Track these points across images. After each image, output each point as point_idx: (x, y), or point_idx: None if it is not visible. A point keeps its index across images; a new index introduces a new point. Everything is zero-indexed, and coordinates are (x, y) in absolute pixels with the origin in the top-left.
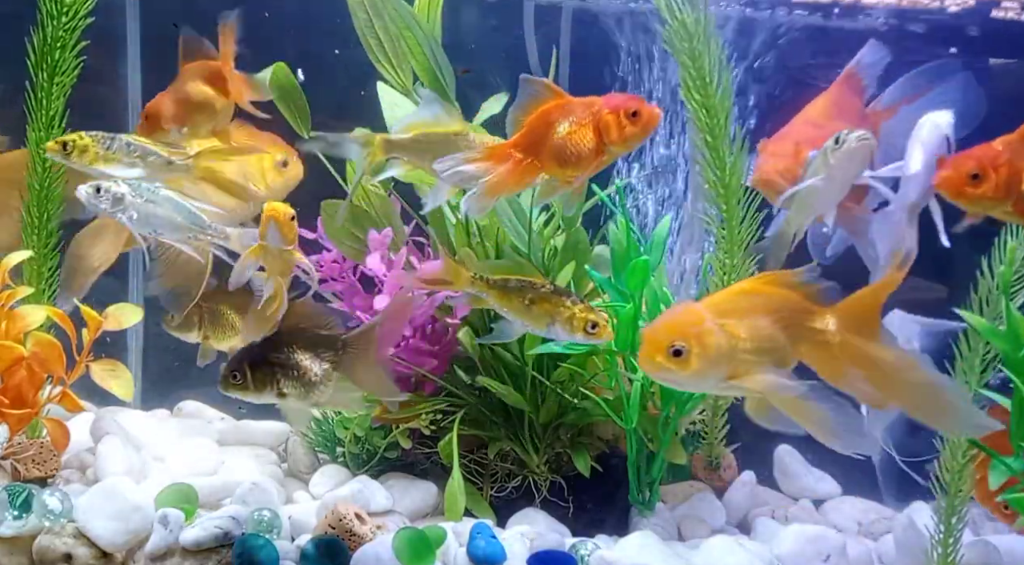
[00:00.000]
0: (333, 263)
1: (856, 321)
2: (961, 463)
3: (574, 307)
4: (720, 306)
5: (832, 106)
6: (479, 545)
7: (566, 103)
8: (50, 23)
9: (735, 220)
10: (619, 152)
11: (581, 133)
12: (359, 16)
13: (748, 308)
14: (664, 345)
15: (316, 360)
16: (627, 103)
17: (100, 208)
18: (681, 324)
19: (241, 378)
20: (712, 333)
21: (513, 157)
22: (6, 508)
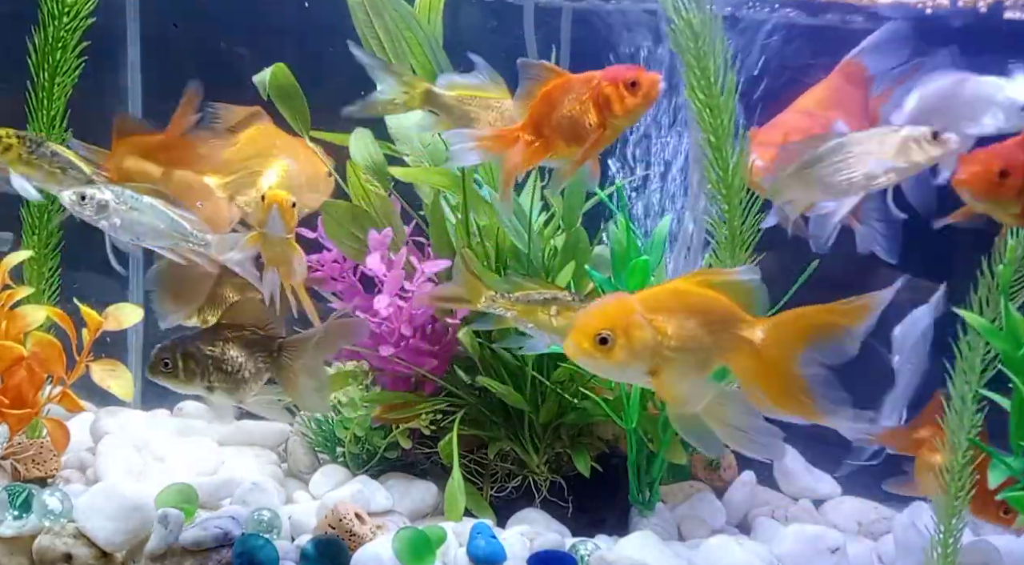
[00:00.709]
0: (333, 263)
1: (781, 338)
2: (961, 463)
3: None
4: (652, 301)
5: (829, 96)
6: (479, 545)
7: (566, 81)
8: (51, 23)
9: (737, 220)
10: (623, 125)
11: (583, 109)
12: (359, 16)
13: (679, 307)
14: (592, 332)
15: (250, 359)
16: (625, 74)
17: (84, 215)
18: (611, 314)
19: (171, 367)
20: (639, 326)
21: (522, 140)
22: (6, 508)
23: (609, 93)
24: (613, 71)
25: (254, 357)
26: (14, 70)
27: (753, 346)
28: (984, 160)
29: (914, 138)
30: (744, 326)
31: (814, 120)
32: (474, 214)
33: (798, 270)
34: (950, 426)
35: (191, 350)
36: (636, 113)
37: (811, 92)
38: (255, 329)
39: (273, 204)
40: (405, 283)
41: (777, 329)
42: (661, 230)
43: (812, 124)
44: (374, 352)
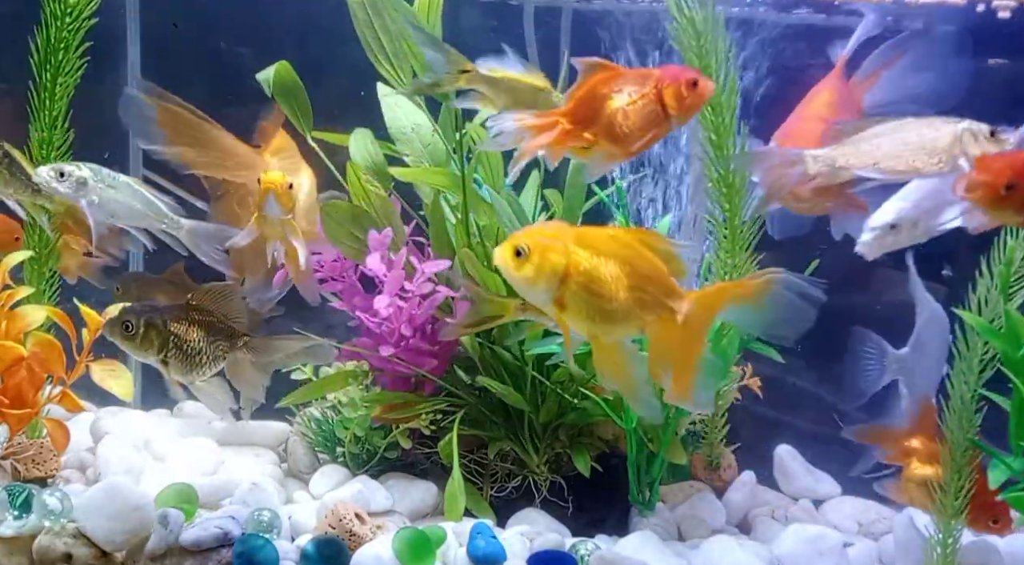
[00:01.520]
0: (333, 263)
1: (700, 313)
2: (960, 463)
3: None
4: (588, 238)
5: (835, 99)
6: (479, 545)
7: (619, 75)
8: (54, 23)
9: (737, 219)
10: (679, 123)
11: (643, 105)
12: (359, 16)
13: (609, 252)
14: (515, 243)
15: (211, 345)
16: (686, 74)
17: (61, 192)
18: (538, 233)
19: (132, 331)
20: (556, 252)
21: (561, 126)
22: (6, 508)
23: (671, 91)
24: (674, 70)
25: (214, 344)
26: (16, 70)
27: (675, 316)
28: (993, 171)
29: (972, 132)
30: (672, 295)
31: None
32: (474, 214)
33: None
34: (949, 426)
35: (156, 321)
36: (691, 113)
37: (817, 96)
38: (224, 318)
39: (269, 187)
40: (405, 283)
41: (699, 304)
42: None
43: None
44: (374, 352)
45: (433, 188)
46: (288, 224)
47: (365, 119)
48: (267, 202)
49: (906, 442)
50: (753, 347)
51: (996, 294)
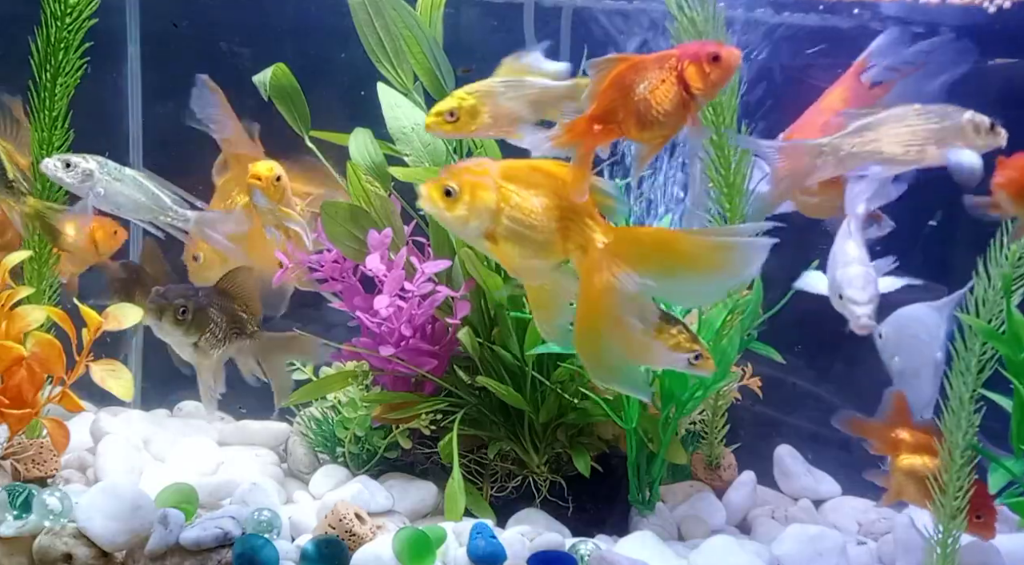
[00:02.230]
0: (333, 263)
1: (626, 250)
2: (959, 463)
3: (679, 336)
4: (511, 171)
5: (850, 97)
6: (479, 545)
7: (637, 63)
8: (54, 24)
9: (738, 219)
10: (706, 101)
11: (664, 89)
12: (359, 16)
13: (535, 183)
14: (442, 184)
15: (231, 331)
16: (706, 48)
17: (67, 182)
18: (464, 170)
19: (186, 315)
20: (485, 188)
21: (592, 130)
22: (6, 508)
23: (692, 70)
24: (693, 47)
25: (233, 330)
26: (16, 70)
27: (595, 248)
28: (1021, 166)
29: (975, 123)
30: (594, 227)
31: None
32: None
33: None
34: (948, 427)
35: (204, 305)
36: (718, 88)
37: (833, 92)
38: (243, 303)
39: (253, 182)
40: (405, 283)
41: (623, 241)
42: None
43: (840, 125)
44: (374, 352)
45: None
46: (280, 212)
47: (365, 119)
48: (254, 194)
49: (891, 434)
50: (753, 347)
51: (995, 295)
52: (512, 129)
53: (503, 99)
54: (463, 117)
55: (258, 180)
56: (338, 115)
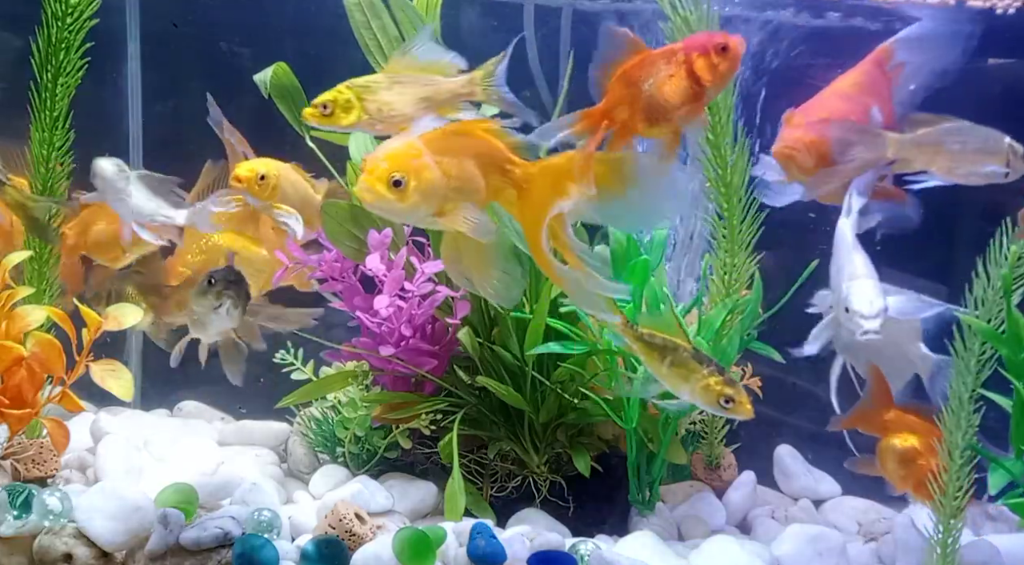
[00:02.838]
0: (333, 263)
1: (545, 181)
2: (959, 463)
3: (709, 377)
4: (436, 144)
5: (864, 81)
6: (479, 545)
7: (644, 59)
8: (55, 24)
9: (736, 219)
10: (715, 93)
11: (673, 83)
12: (356, 17)
13: (459, 149)
14: (386, 176)
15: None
16: (713, 39)
17: (118, 186)
18: (403, 157)
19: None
20: (428, 168)
21: (603, 125)
22: (6, 508)
23: (701, 62)
24: (700, 39)
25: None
26: (16, 71)
27: (518, 185)
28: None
29: (1014, 148)
30: (512, 166)
31: (853, 104)
32: None
33: (799, 269)
34: (947, 427)
35: (234, 281)
36: (727, 78)
37: (846, 75)
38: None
39: (237, 183)
40: (405, 283)
41: (542, 172)
42: (661, 230)
43: (851, 108)
44: (374, 352)
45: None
46: (270, 209)
47: None
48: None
49: (879, 416)
50: (753, 347)
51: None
52: (399, 125)
53: (386, 94)
54: (336, 110)
55: (239, 181)
56: None
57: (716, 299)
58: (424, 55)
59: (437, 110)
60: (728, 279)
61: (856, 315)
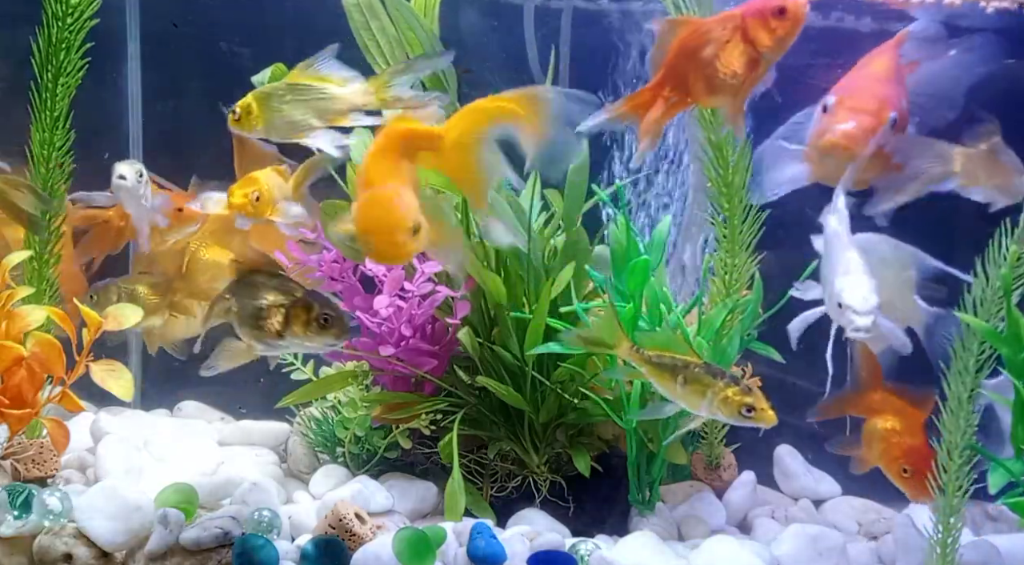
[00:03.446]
0: (333, 263)
1: (459, 133)
2: (959, 463)
3: (727, 389)
4: (386, 173)
5: (894, 66)
6: (479, 545)
7: (699, 26)
8: (55, 24)
9: (737, 219)
10: (774, 58)
11: (731, 50)
12: (354, 18)
13: (401, 156)
14: (408, 228)
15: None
16: (770, 3)
17: (139, 193)
18: (407, 207)
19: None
20: (414, 206)
21: (661, 97)
22: (6, 508)
23: (758, 26)
24: (757, 4)
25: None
26: (16, 71)
27: (437, 148)
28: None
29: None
30: (429, 136)
31: (894, 88)
32: (474, 214)
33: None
34: (947, 427)
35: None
36: (787, 42)
37: (876, 59)
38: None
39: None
40: (405, 283)
41: (453, 126)
42: (661, 230)
43: (895, 93)
44: (374, 352)
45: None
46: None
47: None
48: (236, 219)
49: (864, 398)
50: (753, 347)
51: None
52: (296, 134)
53: (280, 103)
54: (243, 116)
55: (235, 208)
56: None
57: (716, 299)
58: (325, 70)
59: (333, 120)
60: (728, 279)
61: (849, 310)
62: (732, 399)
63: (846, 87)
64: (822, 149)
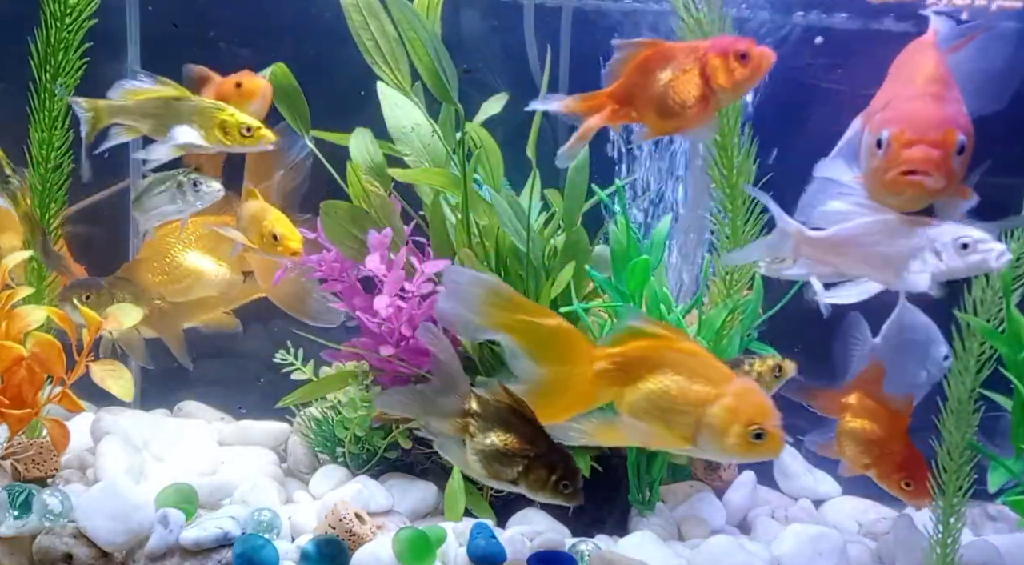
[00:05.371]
0: (333, 263)
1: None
2: (959, 463)
3: (759, 366)
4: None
5: (941, 72)
6: (479, 545)
7: (666, 49)
8: (54, 24)
9: (739, 221)
10: (728, 99)
11: (686, 79)
12: (354, 18)
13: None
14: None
15: None
16: (735, 44)
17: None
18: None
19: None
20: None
21: (609, 107)
22: (6, 508)
23: (717, 64)
24: (722, 41)
25: None
26: (16, 71)
27: None
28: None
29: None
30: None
31: (955, 103)
32: (474, 214)
33: None
34: (947, 427)
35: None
36: (743, 87)
37: (919, 66)
38: None
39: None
40: (405, 283)
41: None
42: (661, 230)
43: (956, 108)
44: (374, 352)
45: (433, 188)
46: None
47: (365, 119)
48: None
49: (841, 399)
50: (753, 347)
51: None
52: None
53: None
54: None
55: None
56: (338, 115)
57: (716, 299)
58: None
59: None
60: (729, 279)
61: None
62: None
63: (898, 114)
64: (888, 188)
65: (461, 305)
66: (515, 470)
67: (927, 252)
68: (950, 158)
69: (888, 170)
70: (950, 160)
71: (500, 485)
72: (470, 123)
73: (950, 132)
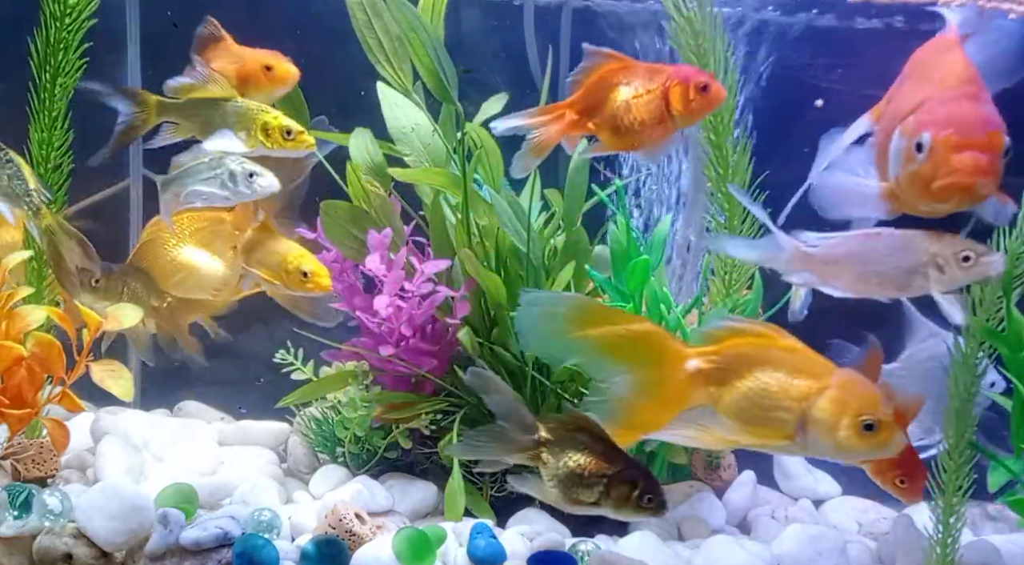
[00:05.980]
0: (333, 263)
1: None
2: (959, 463)
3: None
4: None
5: (969, 70)
6: (479, 545)
7: (629, 67)
8: (53, 24)
9: (737, 219)
10: (682, 125)
11: (646, 100)
12: (358, 16)
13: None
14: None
15: None
16: (698, 76)
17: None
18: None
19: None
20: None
21: (567, 118)
22: (6, 508)
23: (678, 91)
24: (687, 70)
25: None
26: (15, 71)
27: None
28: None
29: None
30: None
31: (987, 104)
32: (474, 214)
33: None
34: (947, 427)
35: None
36: (697, 115)
37: (946, 65)
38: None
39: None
40: (405, 283)
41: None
42: (661, 230)
43: (992, 107)
44: (374, 352)
45: (433, 188)
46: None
47: (365, 119)
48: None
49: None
50: None
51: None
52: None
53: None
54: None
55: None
56: (338, 115)
57: (716, 299)
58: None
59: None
60: (728, 279)
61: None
62: None
63: (940, 116)
64: (935, 195)
65: (547, 326)
66: (596, 491)
67: (930, 267)
68: (998, 162)
69: (935, 175)
70: (998, 164)
71: (583, 510)
72: (470, 123)
73: (996, 134)
